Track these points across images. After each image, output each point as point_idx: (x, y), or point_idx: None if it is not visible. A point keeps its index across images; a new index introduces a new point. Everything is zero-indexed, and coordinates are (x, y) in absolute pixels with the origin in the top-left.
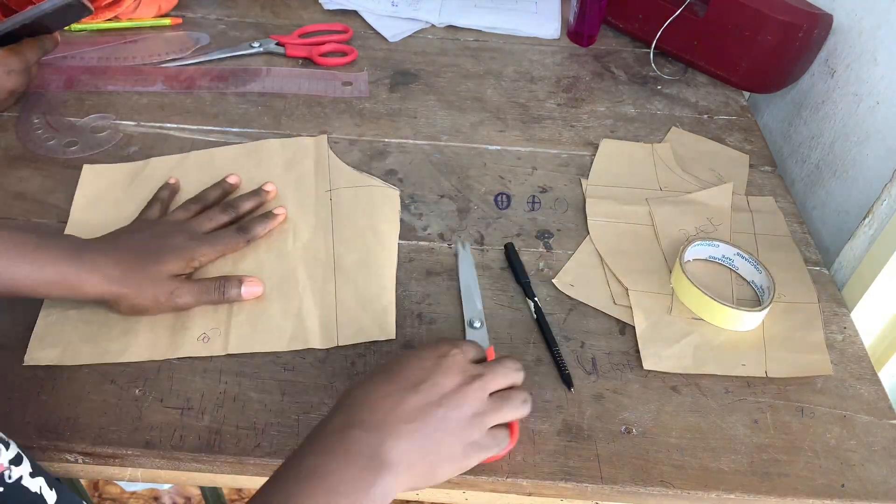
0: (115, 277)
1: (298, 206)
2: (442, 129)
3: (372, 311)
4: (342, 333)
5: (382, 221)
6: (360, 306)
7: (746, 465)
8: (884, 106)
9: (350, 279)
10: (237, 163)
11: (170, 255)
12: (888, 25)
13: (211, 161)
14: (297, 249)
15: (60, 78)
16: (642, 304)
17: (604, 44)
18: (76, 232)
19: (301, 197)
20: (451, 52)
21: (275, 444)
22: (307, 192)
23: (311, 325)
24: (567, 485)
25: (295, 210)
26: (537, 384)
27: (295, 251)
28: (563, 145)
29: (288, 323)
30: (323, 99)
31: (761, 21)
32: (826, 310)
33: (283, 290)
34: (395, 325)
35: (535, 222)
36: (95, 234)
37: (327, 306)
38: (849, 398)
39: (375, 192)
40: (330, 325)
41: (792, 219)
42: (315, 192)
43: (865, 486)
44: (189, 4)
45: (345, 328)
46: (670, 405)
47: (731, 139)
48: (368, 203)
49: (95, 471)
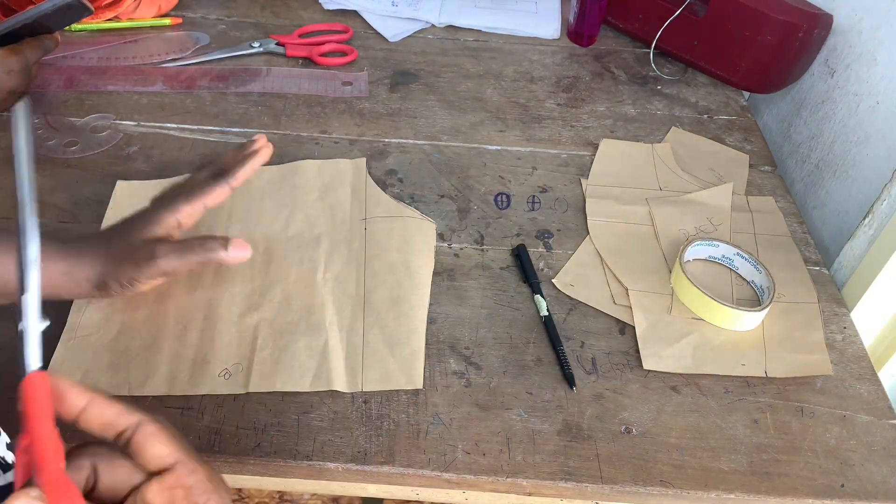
0: (95, 261)
1: (332, 236)
2: (442, 129)
3: (400, 357)
4: (367, 378)
5: (416, 256)
6: (387, 349)
7: (746, 464)
8: (884, 106)
9: (380, 318)
10: (272, 185)
11: (140, 222)
12: (888, 25)
13: (245, 182)
14: (327, 281)
15: (60, 78)
16: (642, 304)
17: (604, 44)
18: None
19: (336, 226)
20: (451, 52)
21: (275, 444)
22: (342, 221)
23: (335, 365)
24: (567, 485)
25: (328, 240)
26: (537, 384)
27: (325, 283)
28: (563, 145)
29: (312, 362)
30: (323, 99)
31: (761, 21)
32: (826, 310)
33: (311, 323)
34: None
35: (535, 222)
36: None
37: (354, 346)
38: (848, 398)
39: (411, 224)
40: (356, 367)
41: (792, 219)
42: (350, 220)
43: (865, 486)
44: (189, 4)
45: (370, 372)
46: (670, 405)
47: (731, 139)
48: (403, 236)
49: None
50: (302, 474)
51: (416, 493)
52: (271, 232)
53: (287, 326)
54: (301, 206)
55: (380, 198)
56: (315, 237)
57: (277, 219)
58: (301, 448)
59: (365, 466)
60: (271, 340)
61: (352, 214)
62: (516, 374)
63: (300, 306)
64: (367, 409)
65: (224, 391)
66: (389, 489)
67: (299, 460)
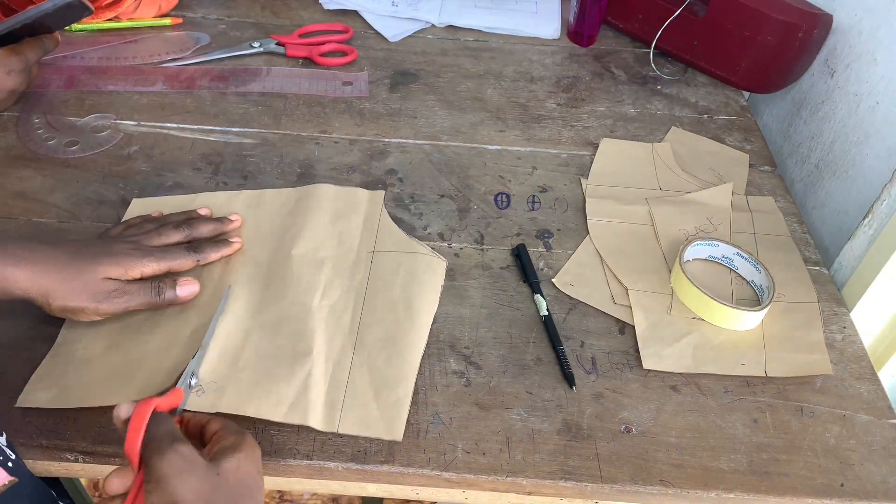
0: (42, 272)
1: (336, 263)
2: (442, 129)
3: (384, 403)
4: (345, 419)
5: (420, 297)
6: (372, 391)
7: (746, 464)
8: (884, 106)
9: (369, 357)
10: (286, 207)
11: (106, 259)
12: (888, 25)
13: (259, 201)
14: (322, 308)
15: (61, 78)
16: (642, 304)
17: (604, 44)
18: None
19: (342, 253)
20: (451, 52)
21: (275, 443)
22: (349, 249)
23: (314, 398)
24: (567, 484)
25: (331, 265)
26: (537, 383)
27: (319, 310)
28: (563, 145)
29: (290, 390)
30: (323, 99)
31: (761, 21)
32: (826, 309)
33: (298, 350)
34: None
35: (535, 222)
36: None
37: (338, 382)
38: (848, 398)
39: (420, 262)
40: (335, 405)
41: (792, 219)
42: (357, 250)
43: (865, 486)
44: (189, 4)
45: (350, 413)
46: (670, 405)
47: (731, 139)
48: (410, 273)
49: (96, 470)
50: (302, 474)
51: (415, 492)
52: (275, 249)
53: (273, 350)
54: (310, 227)
55: (392, 231)
56: (318, 260)
57: (284, 238)
58: (301, 447)
59: (365, 466)
60: (253, 360)
61: (360, 244)
62: (516, 373)
63: (290, 331)
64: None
65: (193, 408)
66: (389, 489)
67: (299, 459)
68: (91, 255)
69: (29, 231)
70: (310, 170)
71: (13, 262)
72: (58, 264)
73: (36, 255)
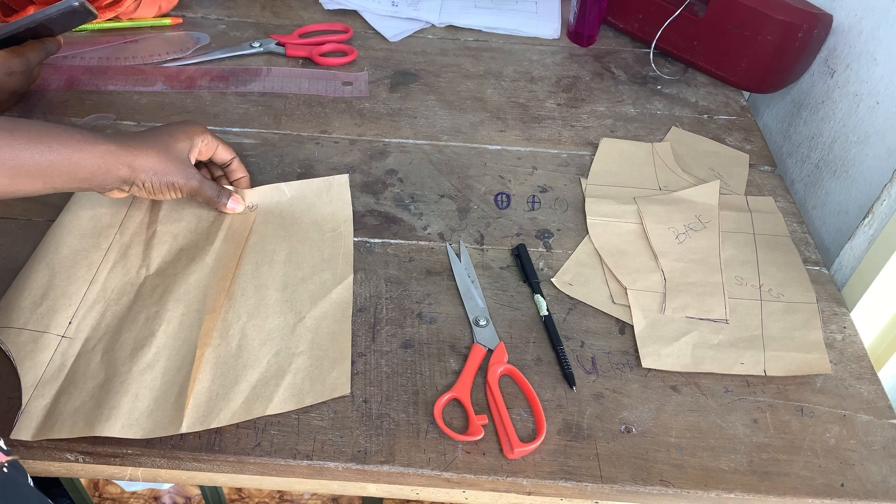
0: (161, 160)
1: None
2: (442, 129)
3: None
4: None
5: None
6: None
7: (746, 464)
8: (884, 106)
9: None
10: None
11: (181, 134)
12: (888, 25)
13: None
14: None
15: (61, 78)
16: (641, 303)
17: (604, 44)
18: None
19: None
20: (451, 52)
21: (275, 443)
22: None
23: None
24: (567, 484)
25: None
26: (537, 383)
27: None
28: (563, 145)
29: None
30: (323, 99)
31: (761, 21)
32: (826, 309)
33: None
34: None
35: (534, 222)
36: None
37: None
38: (848, 398)
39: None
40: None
41: (792, 219)
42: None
43: (865, 486)
44: (189, 4)
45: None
46: (670, 404)
47: (731, 139)
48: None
49: (96, 470)
50: (302, 474)
51: (416, 492)
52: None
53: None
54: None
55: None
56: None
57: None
58: (301, 447)
59: (365, 466)
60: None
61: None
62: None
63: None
64: (367, 409)
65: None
66: (389, 489)
67: (299, 460)
68: (170, 134)
69: (29, 231)
70: (310, 170)
71: (142, 151)
72: (151, 140)
73: (136, 140)
